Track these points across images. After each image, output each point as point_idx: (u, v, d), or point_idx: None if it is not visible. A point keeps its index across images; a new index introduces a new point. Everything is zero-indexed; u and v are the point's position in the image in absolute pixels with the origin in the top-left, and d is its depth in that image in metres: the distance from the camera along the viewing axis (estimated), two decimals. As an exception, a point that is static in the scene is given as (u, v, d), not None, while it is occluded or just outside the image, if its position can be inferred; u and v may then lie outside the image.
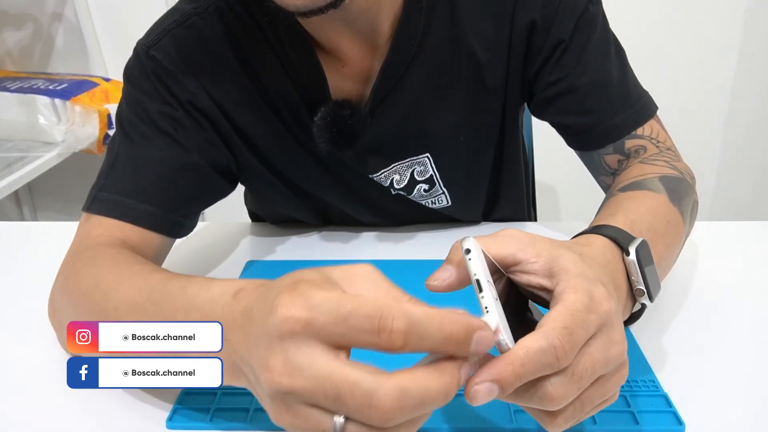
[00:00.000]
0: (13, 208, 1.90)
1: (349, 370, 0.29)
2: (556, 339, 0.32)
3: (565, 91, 0.64)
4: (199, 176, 0.63)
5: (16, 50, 1.70)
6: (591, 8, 0.63)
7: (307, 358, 0.29)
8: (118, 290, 0.46)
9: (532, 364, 0.32)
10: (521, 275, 0.38)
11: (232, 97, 0.63)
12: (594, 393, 0.35)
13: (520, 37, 0.63)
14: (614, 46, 0.65)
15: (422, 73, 0.63)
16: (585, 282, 0.36)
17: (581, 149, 0.69)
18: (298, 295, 0.30)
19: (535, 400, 0.34)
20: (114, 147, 0.61)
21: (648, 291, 0.44)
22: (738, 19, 1.56)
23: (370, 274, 0.33)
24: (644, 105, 0.65)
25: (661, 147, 0.65)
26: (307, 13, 0.51)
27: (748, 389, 0.49)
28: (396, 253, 0.72)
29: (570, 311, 0.34)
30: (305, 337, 0.29)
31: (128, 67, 0.63)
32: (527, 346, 0.32)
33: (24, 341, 0.58)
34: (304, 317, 0.29)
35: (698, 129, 1.68)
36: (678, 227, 0.56)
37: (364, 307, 0.29)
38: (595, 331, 0.35)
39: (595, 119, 0.64)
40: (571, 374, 0.33)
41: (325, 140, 0.62)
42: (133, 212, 0.58)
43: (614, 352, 0.35)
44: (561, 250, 0.38)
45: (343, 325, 0.29)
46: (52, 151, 1.42)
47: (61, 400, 0.50)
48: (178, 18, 0.62)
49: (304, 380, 0.29)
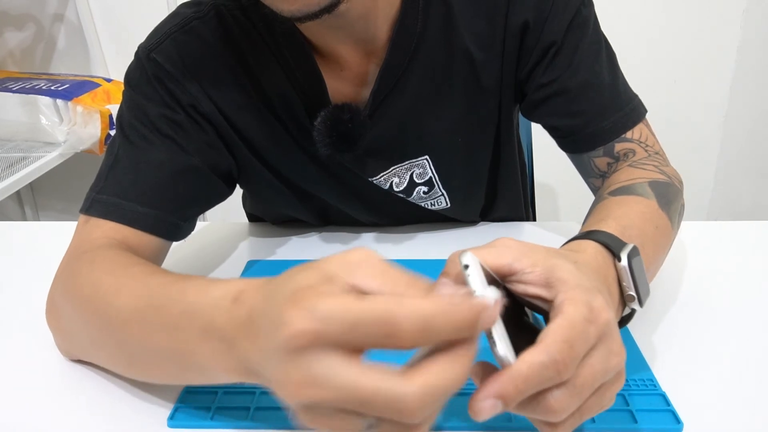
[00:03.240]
0: (15, 208, 1.90)
1: (369, 377, 0.29)
2: (557, 353, 0.32)
3: (556, 93, 0.64)
4: (199, 179, 0.63)
5: (18, 51, 1.70)
6: (583, 10, 0.63)
7: (326, 368, 0.29)
8: (118, 295, 0.46)
9: (534, 379, 0.32)
10: (518, 285, 0.38)
11: (233, 100, 0.63)
12: (593, 402, 0.36)
13: (513, 37, 0.63)
14: (605, 49, 0.66)
15: (420, 75, 0.64)
16: (584, 293, 0.36)
17: (571, 151, 0.69)
18: (302, 308, 0.29)
19: (537, 412, 0.34)
20: (113, 150, 0.61)
21: (638, 296, 0.44)
22: (737, 19, 1.56)
23: (366, 259, 0.33)
24: (634, 108, 0.66)
25: (650, 151, 0.65)
26: (302, 18, 0.51)
27: (746, 388, 0.49)
28: (396, 253, 0.73)
29: (570, 324, 0.34)
30: (319, 348, 0.29)
31: (129, 71, 0.64)
32: (529, 361, 0.32)
33: (27, 340, 0.58)
34: (313, 330, 0.29)
35: (697, 129, 1.68)
36: (666, 232, 0.57)
37: (372, 312, 0.29)
38: (595, 342, 0.35)
39: (585, 121, 0.65)
40: (573, 386, 0.34)
41: (326, 144, 0.62)
42: (132, 215, 0.58)
43: (613, 362, 0.35)
44: (557, 260, 0.38)
45: (353, 332, 0.29)
46: (54, 152, 1.43)
47: (62, 399, 0.50)
48: (180, 22, 0.62)
49: (327, 391, 0.29)
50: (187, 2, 0.65)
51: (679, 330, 0.56)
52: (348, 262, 0.32)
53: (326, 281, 0.31)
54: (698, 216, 1.78)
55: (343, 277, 0.32)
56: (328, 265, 0.32)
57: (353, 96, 0.65)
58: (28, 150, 1.43)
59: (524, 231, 0.78)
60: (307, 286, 0.31)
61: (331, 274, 0.32)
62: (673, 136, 1.72)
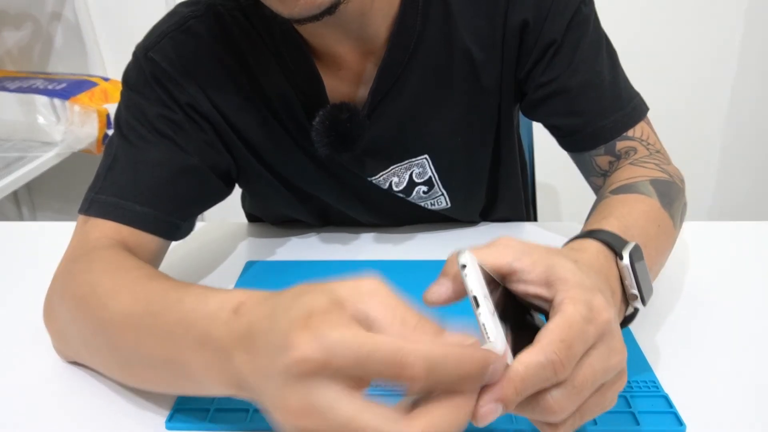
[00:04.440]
0: (12, 208, 1.90)
1: (369, 415, 0.28)
2: (553, 353, 0.32)
3: (557, 92, 0.64)
4: (198, 179, 0.62)
5: (16, 50, 1.70)
6: (584, 8, 0.62)
7: (327, 399, 0.28)
8: (114, 298, 0.45)
9: (531, 379, 0.32)
10: (518, 285, 0.38)
11: (231, 100, 0.63)
12: (594, 402, 0.35)
13: (513, 36, 0.63)
14: (606, 47, 0.65)
15: (419, 74, 0.63)
16: (584, 292, 0.36)
17: (572, 150, 0.69)
18: (311, 335, 0.29)
19: (537, 413, 0.34)
20: (111, 150, 0.61)
21: (641, 295, 0.44)
22: (738, 19, 1.56)
23: (378, 290, 0.32)
24: (635, 106, 0.65)
25: (651, 149, 0.65)
26: (303, 20, 0.51)
27: (748, 390, 0.49)
28: (395, 254, 0.72)
29: (568, 323, 0.34)
30: (322, 378, 0.29)
31: (127, 71, 0.63)
32: (526, 361, 0.32)
33: (23, 342, 0.58)
34: (321, 360, 0.28)
35: (698, 129, 1.68)
36: (669, 231, 0.56)
37: (382, 350, 0.28)
38: (595, 341, 0.35)
39: (586, 120, 0.64)
40: (572, 386, 0.33)
41: (324, 144, 0.62)
42: (131, 214, 0.58)
43: (614, 361, 0.35)
44: (557, 259, 0.37)
45: (361, 368, 0.28)
46: (51, 151, 1.42)
47: (59, 402, 0.50)
48: (177, 21, 0.62)
49: (324, 423, 0.28)
50: (184, 2, 0.65)
51: (681, 331, 0.56)
52: (360, 292, 0.32)
53: (336, 308, 0.30)
54: (700, 216, 1.78)
55: (353, 304, 0.31)
56: (339, 290, 0.32)
57: (352, 96, 0.64)
58: (25, 150, 1.42)
59: (525, 231, 0.78)
60: (318, 311, 0.30)
61: (342, 300, 0.31)
62: (674, 135, 1.72)
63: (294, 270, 0.70)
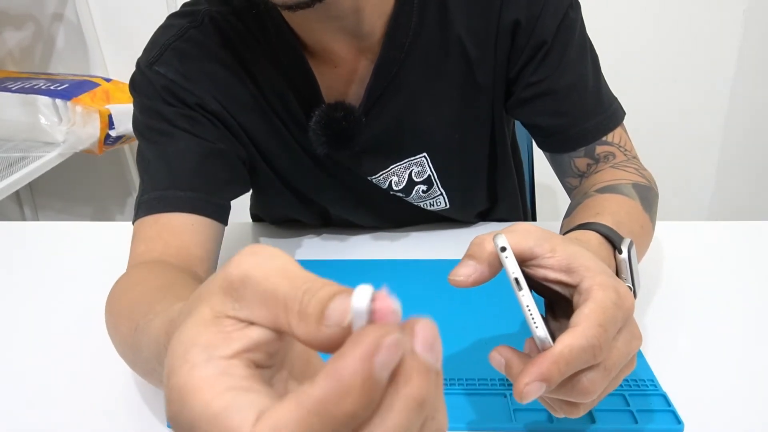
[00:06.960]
0: (15, 208, 1.90)
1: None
2: (594, 337, 0.34)
3: (545, 92, 0.65)
4: (226, 161, 0.63)
5: (17, 50, 1.70)
6: (570, 13, 0.64)
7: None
8: (117, 326, 0.46)
9: (575, 362, 0.34)
10: (537, 269, 0.39)
11: (236, 100, 0.64)
12: (612, 384, 0.37)
13: (505, 35, 0.63)
14: (590, 52, 0.67)
15: (415, 72, 0.64)
16: (610, 279, 0.37)
17: (553, 151, 0.70)
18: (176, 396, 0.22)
19: (572, 394, 0.35)
20: (142, 156, 0.62)
21: (633, 289, 0.46)
22: (738, 19, 1.56)
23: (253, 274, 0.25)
24: (615, 111, 0.67)
25: (628, 155, 0.67)
26: (293, 7, 0.52)
27: (747, 388, 0.49)
28: (395, 253, 0.73)
29: (601, 308, 0.35)
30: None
31: (134, 80, 0.64)
32: (570, 344, 0.34)
33: (24, 340, 0.58)
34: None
35: (698, 129, 1.68)
36: (648, 233, 0.59)
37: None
38: (621, 326, 0.36)
39: (569, 122, 0.66)
40: (604, 369, 0.35)
41: (322, 143, 0.63)
42: (174, 200, 0.59)
43: (634, 345, 0.37)
44: (575, 246, 0.39)
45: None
46: (53, 152, 1.42)
47: (61, 400, 0.50)
48: (176, 32, 0.63)
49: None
50: (176, 13, 0.66)
51: (679, 330, 0.56)
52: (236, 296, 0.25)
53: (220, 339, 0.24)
54: (698, 216, 1.78)
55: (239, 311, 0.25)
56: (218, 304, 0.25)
57: (349, 94, 0.65)
58: (27, 150, 1.43)
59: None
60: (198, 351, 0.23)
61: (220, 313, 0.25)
62: (673, 135, 1.73)
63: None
